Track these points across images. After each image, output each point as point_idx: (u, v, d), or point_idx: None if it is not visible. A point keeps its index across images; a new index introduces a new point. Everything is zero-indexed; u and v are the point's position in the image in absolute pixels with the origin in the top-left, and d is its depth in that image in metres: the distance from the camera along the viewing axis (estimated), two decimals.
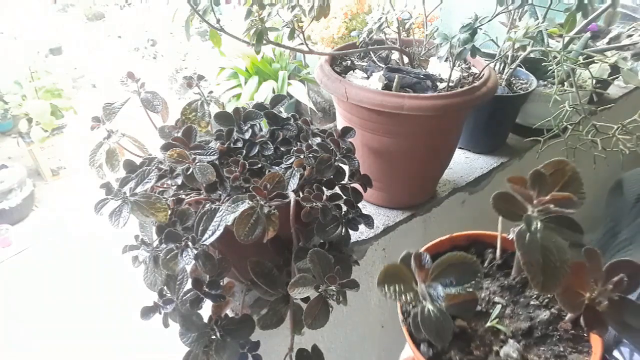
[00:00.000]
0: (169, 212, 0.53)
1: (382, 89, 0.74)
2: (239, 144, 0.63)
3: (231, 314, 0.67)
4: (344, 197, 0.62)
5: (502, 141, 1.08)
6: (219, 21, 0.69)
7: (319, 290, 0.51)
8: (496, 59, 0.92)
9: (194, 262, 0.51)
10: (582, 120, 0.84)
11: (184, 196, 0.58)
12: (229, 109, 0.64)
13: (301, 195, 0.57)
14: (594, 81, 0.84)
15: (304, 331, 0.56)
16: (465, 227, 0.55)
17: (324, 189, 0.61)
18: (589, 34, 0.85)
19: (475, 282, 0.36)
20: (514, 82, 1.00)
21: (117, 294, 1.59)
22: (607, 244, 1.06)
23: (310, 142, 0.62)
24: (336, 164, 0.61)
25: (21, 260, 2.21)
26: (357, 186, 0.67)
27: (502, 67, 1.01)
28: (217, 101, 0.70)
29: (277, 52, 2.49)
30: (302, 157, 0.59)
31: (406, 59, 0.85)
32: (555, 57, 0.81)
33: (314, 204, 0.56)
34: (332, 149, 0.61)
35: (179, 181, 0.59)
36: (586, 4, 0.76)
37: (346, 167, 0.64)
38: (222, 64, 2.52)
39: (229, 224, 0.51)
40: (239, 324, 0.55)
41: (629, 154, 0.80)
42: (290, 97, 2.36)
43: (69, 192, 2.72)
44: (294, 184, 0.58)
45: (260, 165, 0.62)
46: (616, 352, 0.66)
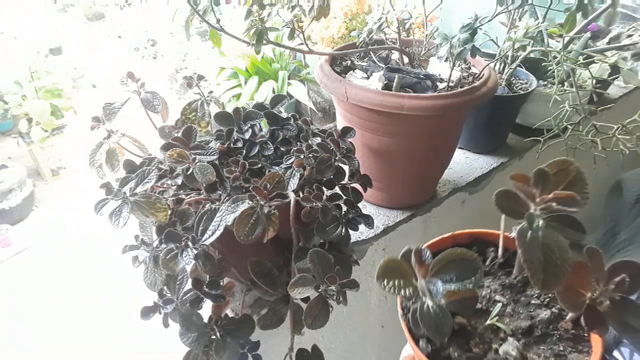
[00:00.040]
0: (169, 212, 0.53)
1: (382, 89, 0.74)
2: (239, 144, 0.63)
3: (231, 314, 0.67)
4: (344, 197, 0.62)
5: (502, 141, 1.08)
6: (219, 21, 0.69)
7: (319, 290, 0.51)
8: (496, 59, 0.92)
9: (194, 262, 0.51)
10: (582, 120, 0.84)
11: (184, 196, 0.58)
12: (229, 109, 0.64)
13: (301, 195, 0.57)
14: (594, 81, 0.84)
15: (304, 331, 0.56)
16: (465, 227, 0.54)
17: (324, 189, 0.61)
18: (589, 34, 0.85)
19: (475, 279, 0.36)
20: (514, 82, 1.00)
21: (117, 294, 1.59)
22: (606, 244, 1.05)
23: (310, 142, 0.62)
24: (336, 164, 0.61)
25: (21, 260, 2.21)
26: (357, 186, 0.67)
27: (502, 67, 1.00)
28: (217, 101, 0.70)
29: (277, 52, 2.49)
30: (302, 157, 0.59)
31: (406, 59, 0.85)
32: (555, 57, 0.81)
33: (314, 204, 0.56)
34: (332, 149, 0.61)
35: (179, 181, 0.59)
36: (586, 4, 0.76)
37: (346, 167, 0.64)
38: (222, 64, 2.52)
39: (229, 224, 0.51)
40: (239, 324, 0.55)
41: (629, 154, 0.80)
42: (290, 97, 2.36)
43: (69, 192, 2.72)
44: (294, 184, 0.58)
45: (260, 165, 0.62)
46: (616, 352, 0.66)
